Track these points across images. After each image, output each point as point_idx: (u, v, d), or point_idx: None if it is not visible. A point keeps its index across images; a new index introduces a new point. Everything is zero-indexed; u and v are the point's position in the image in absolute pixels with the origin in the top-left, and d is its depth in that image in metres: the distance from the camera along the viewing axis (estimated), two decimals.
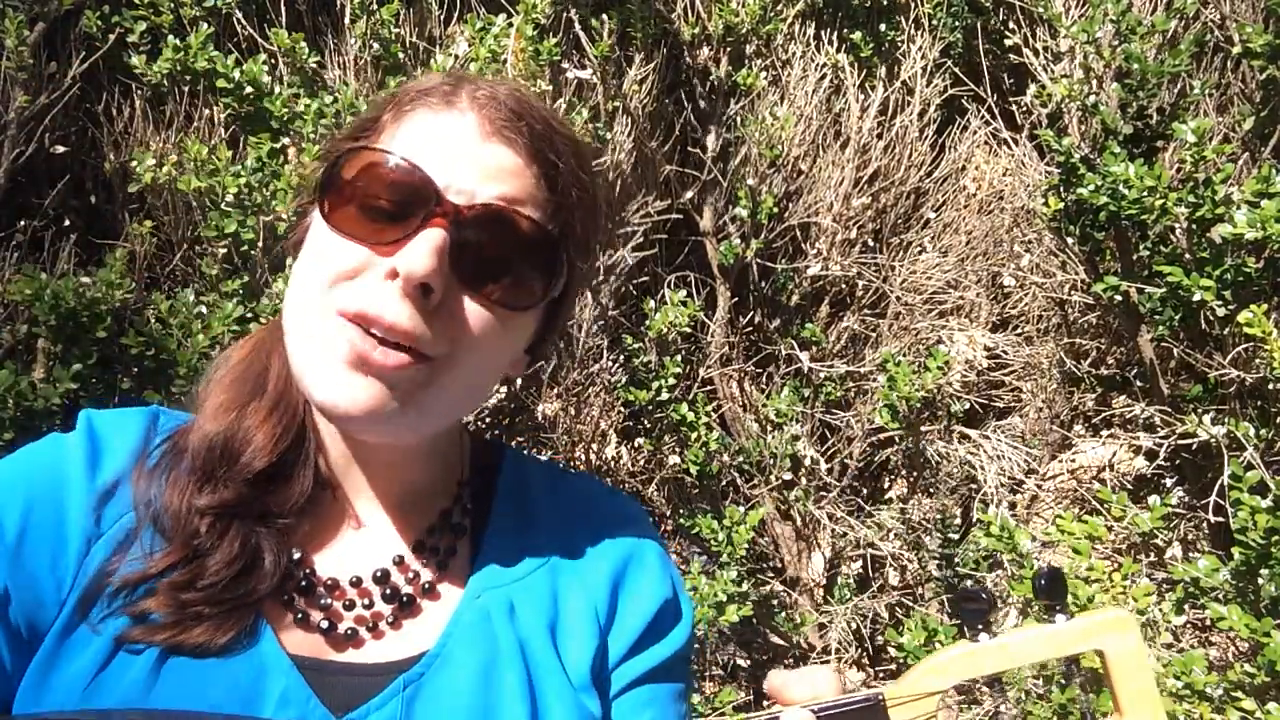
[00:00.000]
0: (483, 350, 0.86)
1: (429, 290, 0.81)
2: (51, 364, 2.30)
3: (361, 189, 0.84)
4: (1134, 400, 3.23)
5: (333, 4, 2.82)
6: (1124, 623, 0.72)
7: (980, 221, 3.66)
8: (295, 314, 0.86)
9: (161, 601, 0.81)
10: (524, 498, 1.01)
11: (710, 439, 3.16)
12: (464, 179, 0.83)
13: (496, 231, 0.84)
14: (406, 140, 0.86)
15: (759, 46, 3.38)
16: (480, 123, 0.86)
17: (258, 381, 0.93)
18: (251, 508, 0.87)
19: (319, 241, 0.86)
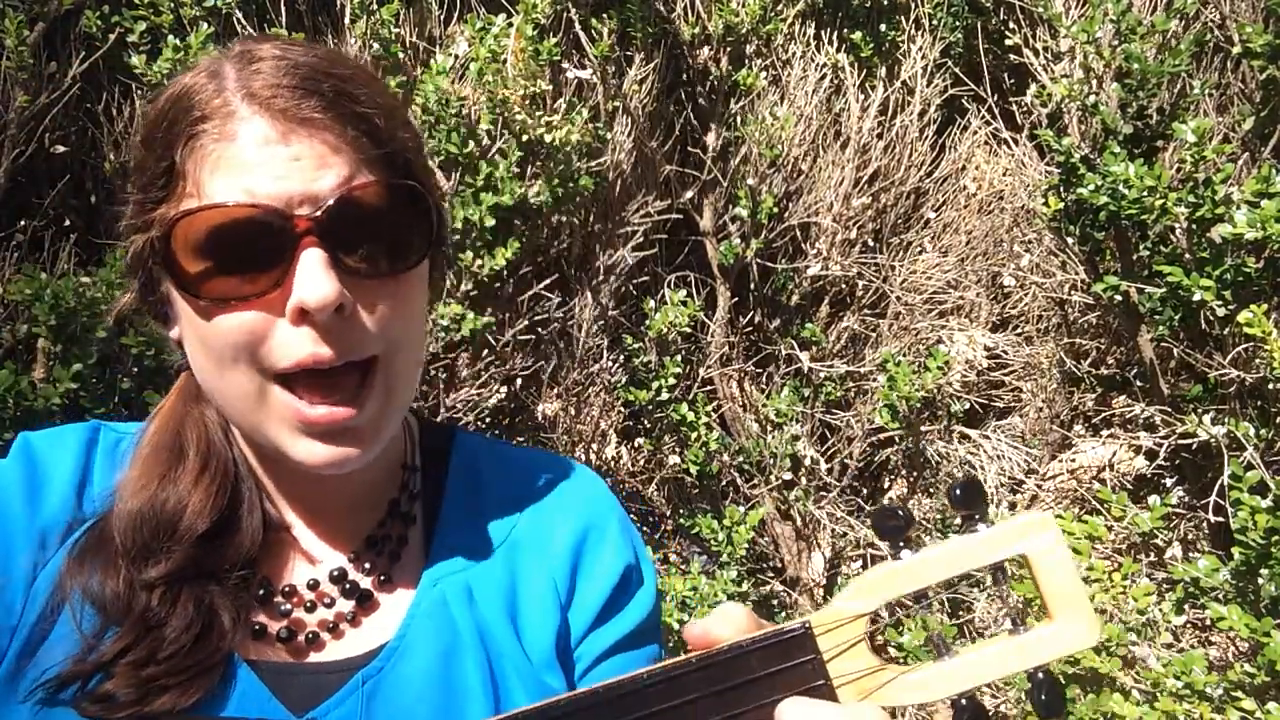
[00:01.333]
0: (408, 322, 0.86)
1: (343, 308, 0.80)
2: (51, 364, 2.30)
3: (212, 256, 0.80)
4: (1134, 400, 3.23)
5: (333, 4, 2.82)
6: (1043, 524, 0.70)
7: (980, 221, 3.66)
8: (234, 400, 0.84)
9: (121, 682, 0.79)
10: (476, 479, 1.00)
11: (710, 439, 3.16)
12: (295, 187, 0.79)
13: (357, 216, 0.81)
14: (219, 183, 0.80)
15: (759, 46, 3.38)
16: (271, 122, 0.80)
17: (175, 450, 0.90)
18: (201, 568, 0.85)
19: (205, 328, 0.82)
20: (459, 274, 2.69)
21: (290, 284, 0.79)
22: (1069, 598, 0.70)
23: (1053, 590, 0.70)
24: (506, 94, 2.66)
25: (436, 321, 2.67)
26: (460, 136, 2.62)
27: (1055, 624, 0.70)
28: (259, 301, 0.79)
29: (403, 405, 0.88)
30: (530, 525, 0.98)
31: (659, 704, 0.68)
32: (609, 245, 3.13)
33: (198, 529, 0.85)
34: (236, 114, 0.80)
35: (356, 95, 0.84)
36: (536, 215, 2.83)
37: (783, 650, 0.69)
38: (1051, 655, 0.70)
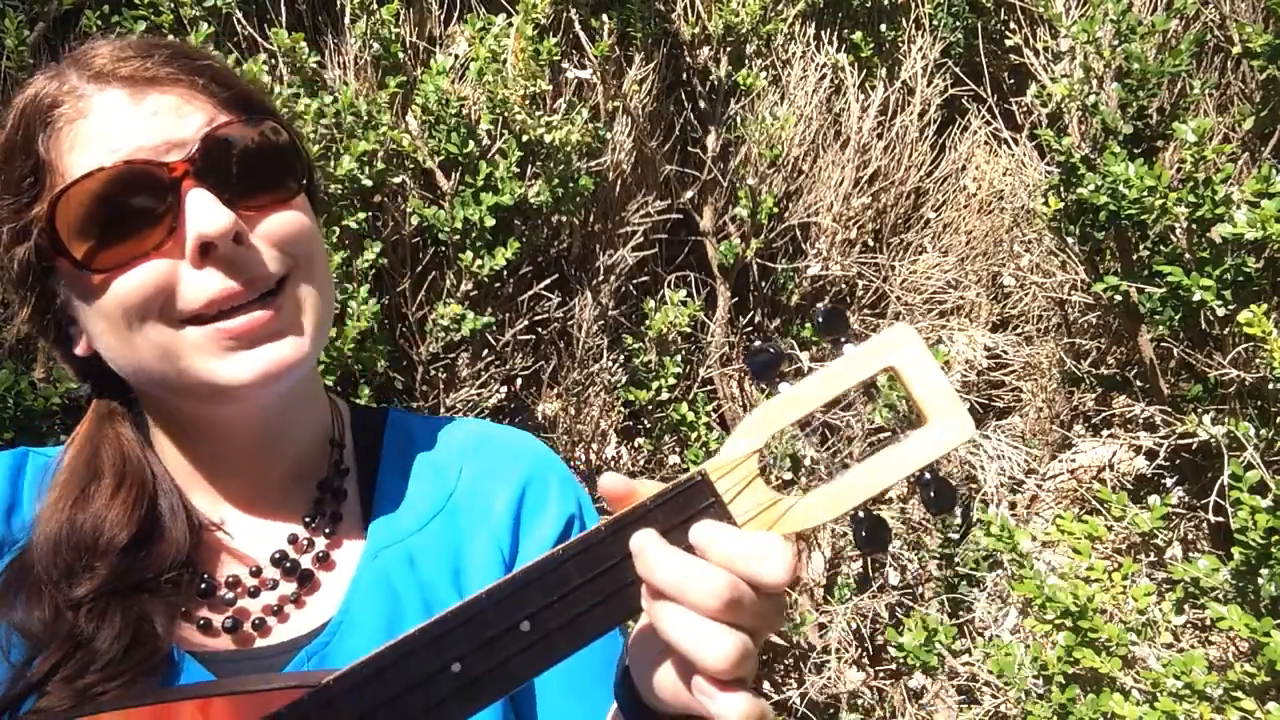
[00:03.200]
0: (305, 244, 0.88)
1: (239, 234, 0.82)
2: (51, 364, 2.30)
3: (98, 223, 0.81)
4: (1134, 400, 3.23)
5: (333, 4, 2.82)
6: (904, 334, 0.72)
7: (980, 221, 3.66)
8: (148, 360, 0.84)
9: (57, 697, 0.78)
10: (411, 450, 1.01)
11: (710, 439, 3.16)
12: (158, 138, 0.82)
13: (228, 153, 0.84)
14: (85, 156, 0.82)
15: (759, 46, 3.38)
16: (122, 88, 0.83)
17: (90, 471, 0.90)
18: (127, 580, 0.84)
19: (105, 298, 0.82)
20: (459, 274, 2.69)
21: (183, 229, 0.81)
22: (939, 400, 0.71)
23: (923, 395, 0.72)
24: (506, 94, 2.66)
25: (436, 321, 2.67)
26: (460, 136, 2.62)
27: (931, 425, 0.71)
28: (156, 253, 0.81)
29: (320, 317, 0.89)
30: (468, 489, 0.98)
31: (581, 577, 0.69)
32: (609, 245, 3.13)
33: (118, 542, 0.85)
34: (85, 93, 0.83)
35: (191, 54, 0.88)
36: (536, 215, 2.83)
37: (684, 500, 0.70)
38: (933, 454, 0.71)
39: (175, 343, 0.82)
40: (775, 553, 0.66)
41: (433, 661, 0.69)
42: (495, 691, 0.69)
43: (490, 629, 0.69)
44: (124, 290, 0.81)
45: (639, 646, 0.75)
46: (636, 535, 0.69)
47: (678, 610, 0.66)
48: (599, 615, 0.70)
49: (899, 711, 3.03)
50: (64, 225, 0.81)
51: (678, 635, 0.66)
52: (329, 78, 2.75)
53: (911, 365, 0.72)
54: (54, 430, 2.24)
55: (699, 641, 0.65)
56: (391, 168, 2.61)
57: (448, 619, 0.70)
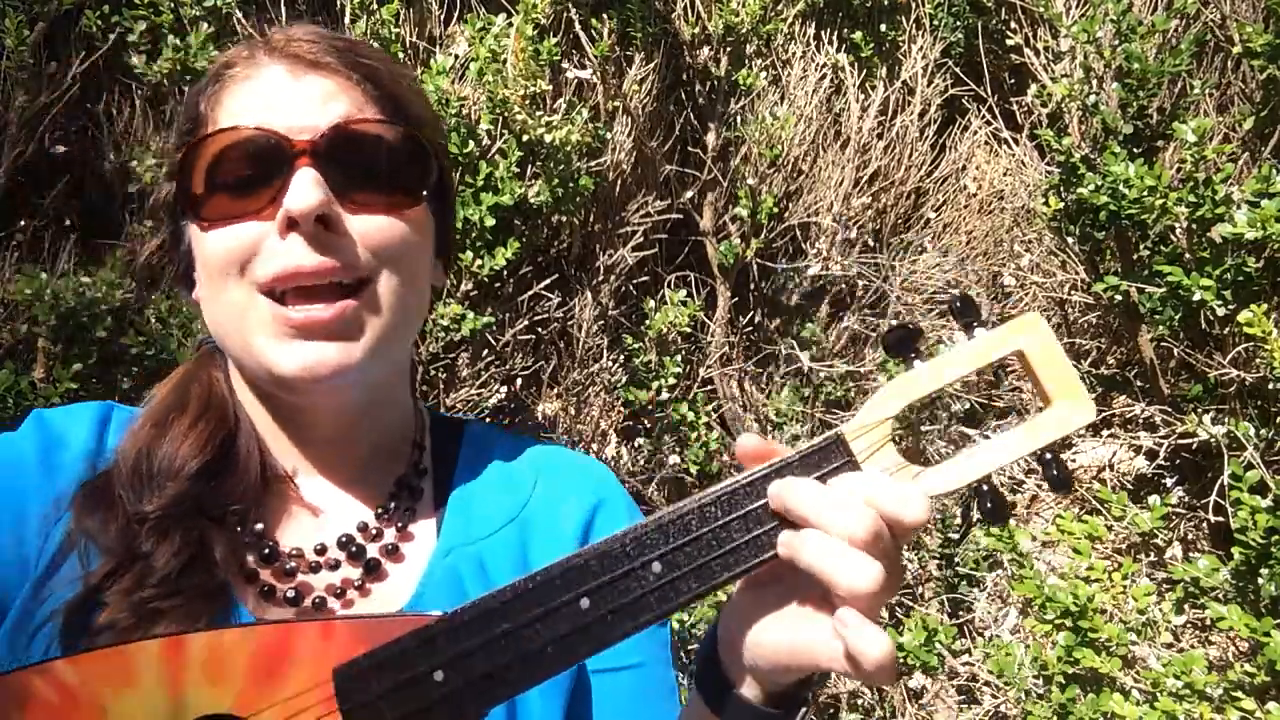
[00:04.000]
0: (398, 256, 0.89)
1: (328, 220, 0.84)
2: (51, 364, 2.30)
3: (217, 177, 0.86)
4: (1134, 400, 3.23)
5: (333, 4, 2.82)
6: (1033, 321, 0.77)
7: (980, 221, 3.66)
8: (223, 315, 0.88)
9: (115, 609, 0.81)
10: (488, 458, 1.03)
11: (710, 439, 3.16)
12: (299, 118, 0.86)
13: (354, 147, 0.87)
14: (232, 115, 0.88)
15: (759, 46, 3.38)
16: (286, 64, 0.88)
17: (177, 405, 0.95)
18: (195, 504, 0.88)
19: (204, 247, 0.88)
20: (459, 274, 2.69)
21: (282, 199, 0.84)
22: (1063, 384, 0.76)
23: (1048, 379, 0.76)
24: (506, 94, 2.66)
25: (436, 321, 2.67)
26: (460, 136, 2.62)
27: (1054, 408, 0.76)
28: (254, 216, 0.85)
29: (391, 333, 0.89)
30: (541, 503, 1.00)
31: (715, 522, 0.73)
32: (609, 245, 3.13)
33: (189, 469, 0.89)
34: (257, 61, 0.90)
35: (365, 52, 0.92)
36: (536, 215, 2.83)
37: (821, 458, 0.74)
38: (1055, 435, 0.76)
39: (249, 310, 0.85)
40: (916, 496, 0.70)
41: (563, 595, 0.72)
42: (618, 632, 0.72)
43: (622, 567, 0.72)
44: (220, 244, 0.86)
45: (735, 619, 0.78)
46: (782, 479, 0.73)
47: (823, 538, 0.69)
48: (728, 559, 0.73)
49: (899, 711, 3.03)
50: (192, 169, 0.87)
51: (823, 561, 0.68)
52: None
53: (1039, 350, 0.77)
54: None
55: (848, 566, 0.68)
56: None
57: (584, 554, 0.72)
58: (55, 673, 0.74)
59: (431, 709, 0.71)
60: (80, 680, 0.73)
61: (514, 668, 0.71)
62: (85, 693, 0.73)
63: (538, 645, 0.71)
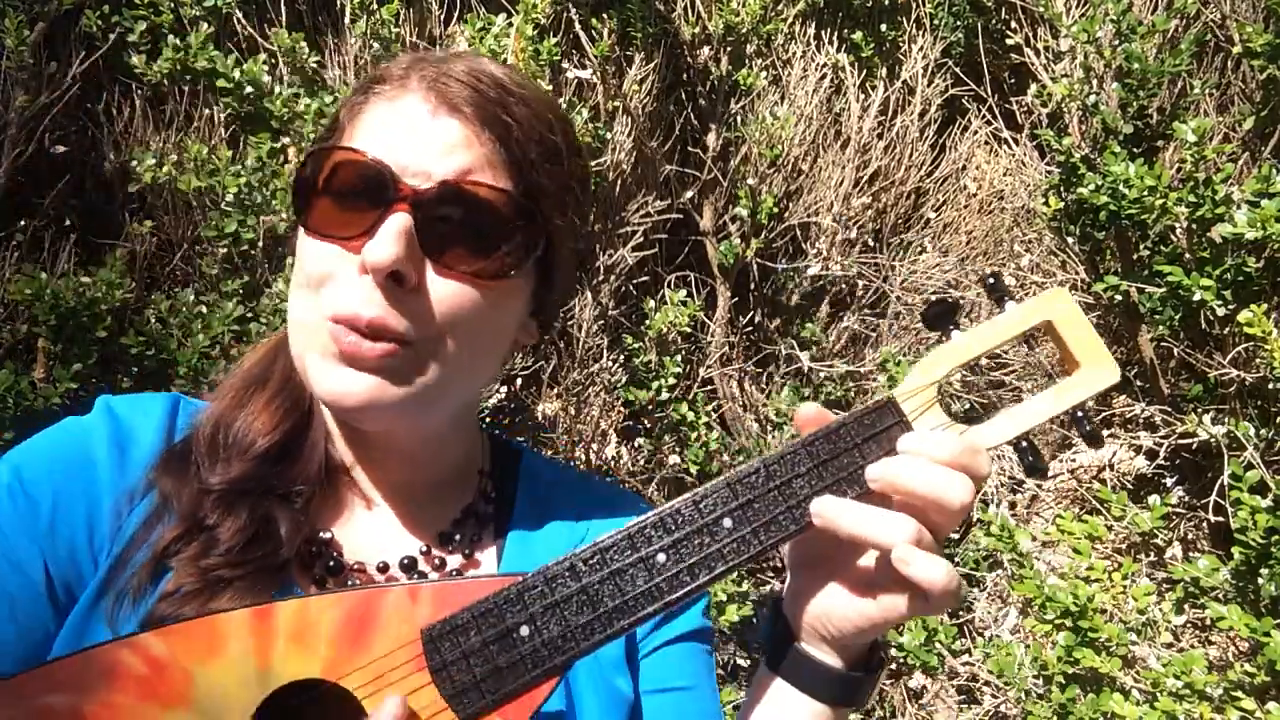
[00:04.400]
0: (469, 326, 0.87)
1: (401, 277, 0.82)
2: (51, 364, 2.30)
3: (325, 189, 0.86)
4: (1134, 400, 3.23)
5: (333, 4, 2.82)
6: (1059, 294, 0.85)
7: (980, 221, 3.66)
8: (293, 320, 0.89)
9: (183, 574, 0.83)
10: (543, 492, 1.04)
11: (710, 439, 3.16)
12: (418, 160, 0.84)
13: (459, 205, 0.85)
14: (363, 133, 0.88)
15: (759, 46, 3.37)
16: (428, 100, 0.87)
17: (259, 380, 0.96)
18: (260, 483, 0.89)
19: (302, 248, 0.88)
20: None
21: (370, 239, 0.83)
22: (1090, 349, 0.84)
23: (1075, 344, 0.84)
24: None
25: None
26: None
27: (1082, 370, 0.84)
28: (344, 244, 0.84)
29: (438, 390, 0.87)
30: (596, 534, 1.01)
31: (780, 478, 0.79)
32: (609, 245, 3.13)
33: (258, 448, 0.90)
34: (406, 86, 0.88)
35: (510, 108, 0.88)
36: None
37: (874, 418, 0.82)
38: (1087, 394, 0.84)
39: (314, 324, 0.86)
40: (981, 451, 0.81)
41: (641, 550, 0.77)
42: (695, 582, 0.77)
43: (696, 523, 0.78)
44: (311, 254, 0.86)
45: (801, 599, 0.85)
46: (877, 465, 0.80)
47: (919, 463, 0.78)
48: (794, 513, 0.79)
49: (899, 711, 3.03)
50: (310, 172, 0.88)
51: (921, 481, 0.77)
52: (329, 78, 2.75)
53: (1065, 319, 0.84)
54: None
55: (945, 482, 0.77)
56: None
57: (658, 512, 0.78)
58: (143, 645, 0.75)
59: (518, 663, 0.75)
60: (169, 651, 0.75)
61: (597, 620, 0.75)
62: (173, 663, 0.74)
63: (618, 599, 0.76)
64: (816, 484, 0.79)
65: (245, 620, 0.76)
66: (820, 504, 0.79)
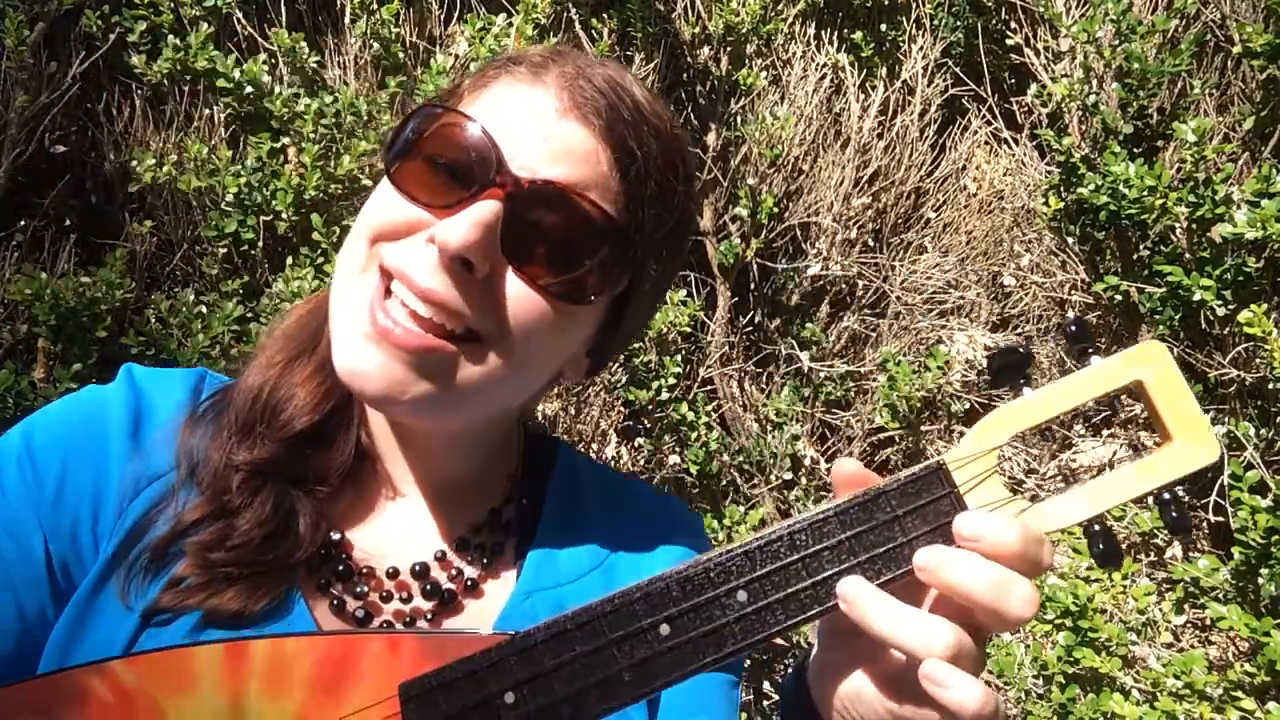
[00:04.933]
0: (533, 338, 0.81)
1: (469, 265, 0.77)
2: (51, 364, 2.30)
3: (426, 149, 0.81)
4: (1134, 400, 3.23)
5: (333, 4, 2.82)
6: (1155, 349, 0.72)
7: (980, 221, 3.66)
8: (340, 266, 0.84)
9: (191, 564, 0.80)
10: (576, 496, 0.98)
11: (710, 439, 3.16)
12: (530, 153, 0.79)
13: (556, 212, 0.79)
14: (482, 107, 0.82)
15: (759, 46, 3.38)
16: (560, 98, 0.81)
17: (311, 339, 0.91)
18: (288, 470, 0.85)
19: (378, 197, 0.83)
20: None
21: (452, 215, 0.78)
22: (1186, 419, 0.71)
23: (1169, 412, 0.71)
24: None
25: None
26: None
27: (1175, 444, 0.71)
28: (428, 208, 0.79)
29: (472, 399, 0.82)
30: (629, 550, 0.95)
31: (800, 552, 0.69)
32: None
33: (295, 426, 0.86)
34: (543, 78, 0.83)
35: (640, 134, 0.83)
36: None
37: (920, 488, 0.70)
38: (1177, 473, 0.71)
39: (364, 273, 0.81)
40: (1048, 542, 0.68)
41: (643, 620, 0.69)
42: (699, 661, 0.68)
43: (706, 593, 0.69)
44: (383, 204, 0.82)
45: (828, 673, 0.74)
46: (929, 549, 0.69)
47: (978, 559, 0.66)
48: (818, 591, 0.69)
49: None
50: (414, 128, 0.83)
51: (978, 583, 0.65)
52: (329, 78, 2.75)
53: (1160, 381, 0.72)
54: None
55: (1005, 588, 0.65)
56: None
57: (666, 578, 0.69)
58: (112, 673, 0.72)
59: None
60: (138, 682, 0.72)
61: (588, 693, 0.68)
62: (142, 695, 0.72)
63: (613, 670, 0.68)
64: (847, 559, 0.69)
65: (218, 657, 0.73)
66: (848, 587, 0.68)
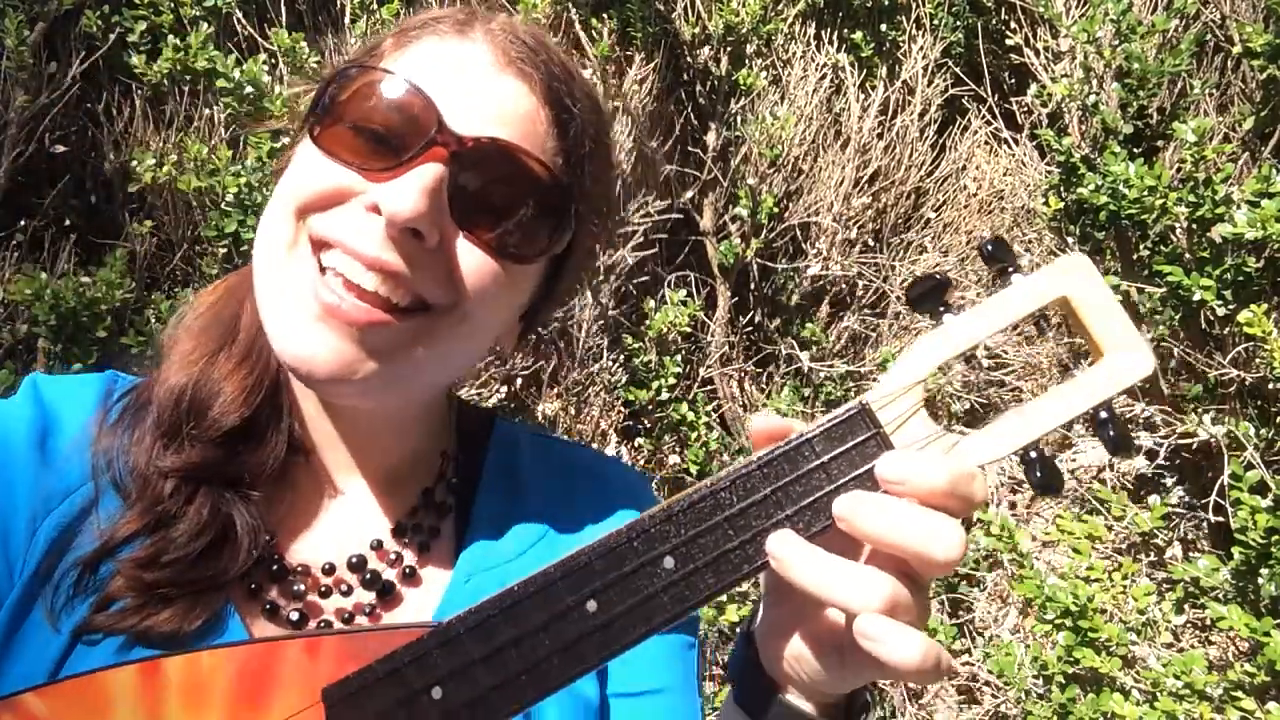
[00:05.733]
0: (488, 303, 0.78)
1: (419, 234, 0.73)
2: (51, 364, 2.30)
3: (356, 110, 0.75)
4: (1134, 400, 3.23)
5: (333, 4, 2.82)
6: (1078, 261, 0.67)
7: (980, 221, 3.66)
8: (263, 245, 0.77)
9: (124, 584, 0.75)
10: (515, 468, 0.94)
11: (710, 439, 3.16)
12: (471, 111, 0.75)
13: (501, 171, 0.75)
14: (411, 65, 0.77)
15: (759, 46, 3.38)
16: (494, 54, 0.78)
17: (228, 328, 0.85)
18: (221, 471, 0.80)
19: (302, 164, 0.77)
20: None
21: (393, 179, 0.73)
22: (1117, 331, 0.66)
23: (1099, 327, 0.67)
24: None
25: None
26: None
27: (1107, 359, 0.66)
28: (362, 171, 0.74)
29: (421, 372, 0.78)
30: (572, 519, 0.91)
31: (727, 510, 0.65)
32: (609, 245, 3.13)
33: (224, 423, 0.80)
34: (470, 34, 0.79)
35: (573, 92, 0.81)
36: None
37: (844, 432, 0.65)
38: (1113, 389, 0.67)
39: (291, 252, 0.75)
40: (978, 475, 0.63)
41: (567, 599, 0.64)
42: (631, 636, 0.64)
43: (630, 563, 0.64)
44: (311, 175, 0.76)
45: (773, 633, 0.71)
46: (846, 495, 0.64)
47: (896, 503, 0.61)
48: (748, 550, 0.65)
49: (899, 711, 3.03)
50: (340, 92, 0.77)
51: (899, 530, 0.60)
52: None
53: (1087, 295, 0.66)
54: None
55: (930, 531, 0.60)
56: None
57: (586, 552, 0.65)
58: (24, 706, 0.68)
59: None
60: (50, 714, 0.68)
61: (518, 680, 0.64)
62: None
63: (542, 655, 0.64)
64: (775, 514, 0.64)
65: (133, 679, 0.68)
66: (775, 544, 0.63)
